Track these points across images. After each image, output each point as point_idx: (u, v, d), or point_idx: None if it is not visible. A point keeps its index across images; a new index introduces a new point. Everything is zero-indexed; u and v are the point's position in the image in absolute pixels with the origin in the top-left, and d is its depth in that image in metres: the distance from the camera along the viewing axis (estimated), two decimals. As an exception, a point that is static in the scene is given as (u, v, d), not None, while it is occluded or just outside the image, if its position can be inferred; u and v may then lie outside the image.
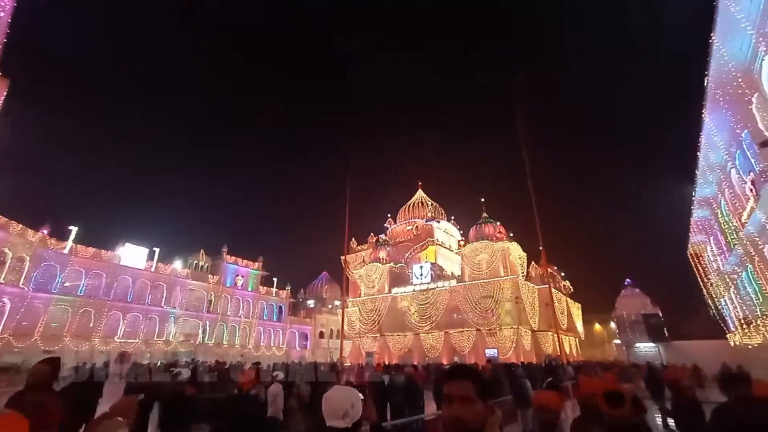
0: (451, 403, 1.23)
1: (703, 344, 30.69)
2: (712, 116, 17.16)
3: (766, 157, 12.42)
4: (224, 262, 43.85)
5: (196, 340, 38.23)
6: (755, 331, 20.39)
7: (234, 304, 43.30)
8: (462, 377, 1.28)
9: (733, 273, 21.91)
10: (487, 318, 32.16)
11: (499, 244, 34.72)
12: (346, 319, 36.65)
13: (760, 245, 15.22)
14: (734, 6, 11.31)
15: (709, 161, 20.11)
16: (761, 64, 11.14)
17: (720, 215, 21.18)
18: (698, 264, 32.81)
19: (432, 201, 51.00)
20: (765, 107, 11.68)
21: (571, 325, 41.66)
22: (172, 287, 37.73)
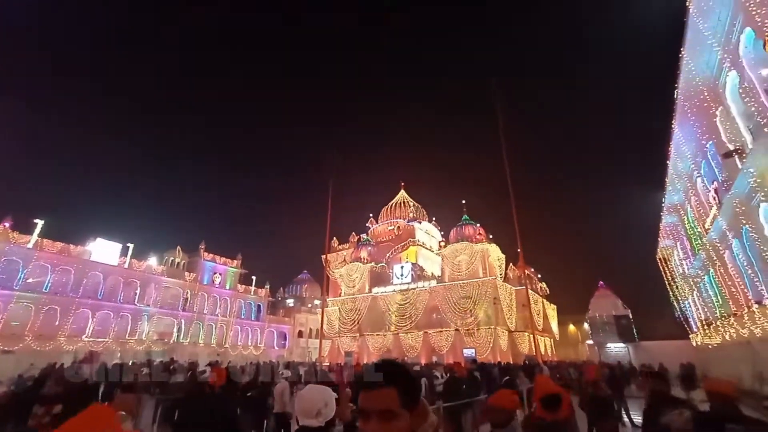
0: (368, 421, 0.96)
1: (668, 344, 32.12)
2: (681, 127, 17.96)
3: (729, 167, 13.10)
4: (202, 259, 42.84)
5: (171, 339, 37.20)
6: (715, 332, 21.47)
7: (211, 302, 42.37)
8: (380, 385, 0.99)
9: (697, 277, 23.01)
10: (465, 318, 32.64)
11: (479, 246, 35.27)
12: (325, 318, 36.47)
13: (721, 251, 16.03)
14: (702, 23, 11.89)
15: (677, 170, 21.03)
16: (725, 80, 11.74)
17: (686, 221, 22.16)
18: (666, 268, 34.28)
19: (414, 202, 51.30)
20: (728, 120, 12.31)
21: (547, 326, 42.73)
22: (146, 284, 36.58)
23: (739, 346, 16.42)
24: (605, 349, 38.60)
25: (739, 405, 3.05)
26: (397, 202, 51.32)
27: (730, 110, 11.97)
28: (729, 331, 18.10)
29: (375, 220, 51.04)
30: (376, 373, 1.01)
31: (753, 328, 13.98)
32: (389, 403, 0.96)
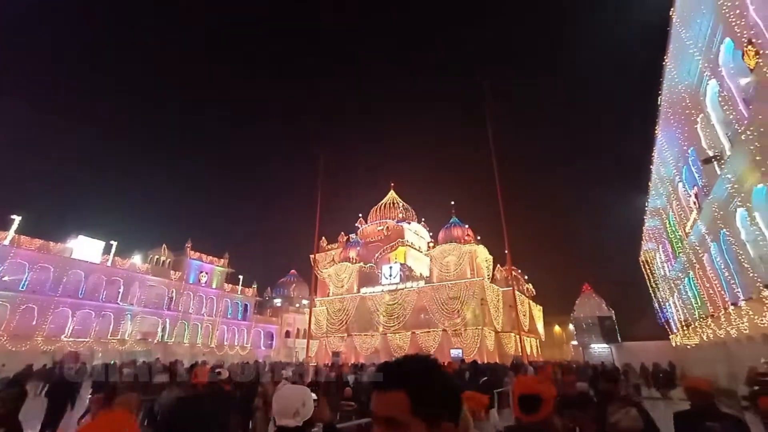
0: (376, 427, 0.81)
1: (649, 345, 32.85)
2: (664, 133, 18.43)
3: (708, 173, 13.48)
4: (188, 257, 42.17)
5: (155, 339, 36.50)
6: (693, 333, 22.07)
7: (197, 301, 41.73)
8: (390, 386, 0.81)
9: (677, 279, 23.61)
10: (453, 319, 32.84)
11: (467, 247, 35.53)
12: (313, 318, 36.25)
13: (700, 254, 16.48)
14: (685, 32, 12.22)
15: (660, 175, 21.56)
16: (706, 88, 12.09)
17: (668, 225, 22.71)
18: (648, 270, 35.09)
19: (403, 202, 51.41)
20: (708, 127, 12.68)
21: (533, 327, 43.29)
22: (129, 283, 35.81)
23: (716, 346, 16.92)
24: (589, 349, 39.30)
25: (716, 402, 3.15)
26: (386, 202, 51.35)
27: (711, 118, 12.33)
28: (706, 332, 18.63)
29: (364, 220, 50.99)
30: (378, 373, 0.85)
31: (729, 329, 14.42)
32: (394, 409, 0.78)
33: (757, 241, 10.41)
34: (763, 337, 11.10)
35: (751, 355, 11.87)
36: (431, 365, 0.86)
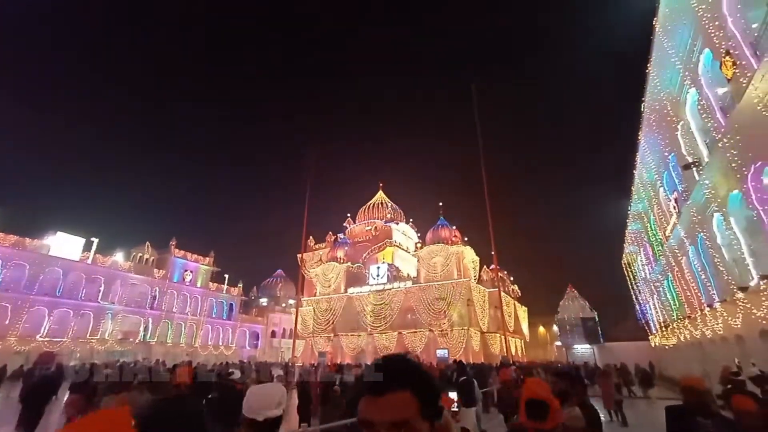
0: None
1: (629, 345, 33.66)
2: (647, 139, 18.92)
3: (688, 178, 13.89)
4: (172, 255, 41.32)
5: (137, 338, 35.65)
6: (671, 334, 22.72)
7: (181, 300, 40.92)
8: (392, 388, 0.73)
9: (657, 281, 24.25)
10: (439, 319, 33.04)
11: (454, 248, 35.81)
12: (300, 318, 36.02)
13: (678, 257, 16.97)
14: (667, 41, 12.59)
15: (642, 179, 22.11)
16: (686, 96, 12.46)
17: (649, 228, 23.30)
18: (630, 272, 35.95)
19: (392, 203, 51.49)
20: (688, 134, 13.07)
21: (518, 328, 43.86)
22: (111, 281, 34.89)
23: (692, 346, 17.45)
24: (572, 350, 40.07)
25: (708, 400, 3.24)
26: (375, 202, 51.36)
27: (690, 125, 12.72)
28: (683, 333, 19.20)
29: (353, 220, 50.89)
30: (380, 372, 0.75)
31: (704, 330, 14.89)
32: (405, 411, 0.70)
33: (731, 245, 10.78)
34: (736, 338, 11.50)
35: (724, 355, 12.29)
36: (420, 364, 0.81)
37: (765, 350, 9.36)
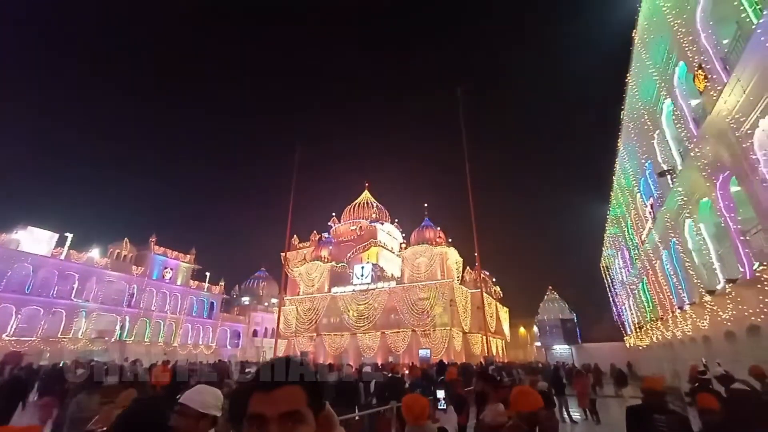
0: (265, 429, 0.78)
1: (605, 346, 34.71)
2: (626, 146, 19.52)
3: (662, 185, 14.43)
4: (152, 252, 40.23)
5: (113, 337, 34.60)
6: (645, 335, 23.52)
7: (160, 298, 39.89)
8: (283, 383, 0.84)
9: (633, 284, 25.06)
10: (422, 319, 33.24)
11: (438, 249, 36.07)
12: (282, 317, 35.66)
13: (653, 261, 17.59)
14: (645, 53, 13.03)
15: (621, 185, 22.81)
16: (662, 106, 12.94)
17: (626, 233, 24.07)
18: (608, 275, 37.04)
19: (377, 202, 51.50)
20: (663, 143, 13.58)
21: (499, 328, 44.54)
22: (86, 278, 33.69)
23: (663, 347, 18.13)
24: (552, 350, 41.00)
25: (666, 399, 3.48)
26: (360, 202, 51.26)
27: (665, 134, 13.22)
28: (656, 334, 19.91)
29: (338, 219, 50.67)
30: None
31: (675, 331, 15.49)
32: (295, 403, 0.81)
33: (701, 250, 11.26)
34: (703, 339, 12.02)
35: (693, 354, 12.83)
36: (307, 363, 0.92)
37: (729, 350, 9.81)
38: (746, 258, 8.33)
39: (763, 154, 6.98)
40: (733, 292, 9.26)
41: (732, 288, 9.21)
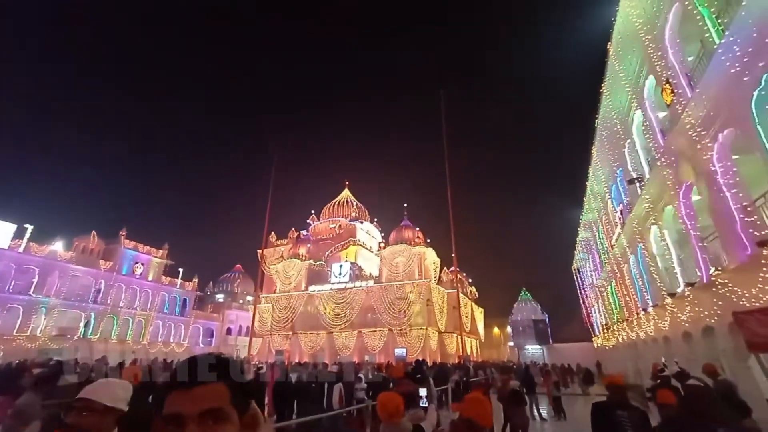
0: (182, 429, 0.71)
1: (575, 346, 35.98)
2: (599, 153, 20.24)
3: (632, 192, 15.06)
4: (122, 246, 38.63)
5: (76, 335, 32.99)
6: (611, 335, 24.52)
7: (129, 294, 38.36)
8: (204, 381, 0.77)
9: (602, 287, 26.06)
10: (399, 318, 33.44)
11: (417, 249, 36.37)
12: (257, 315, 35.06)
13: (621, 265, 18.36)
14: (618, 65, 13.59)
15: (593, 191, 23.64)
16: (633, 117, 13.53)
17: (598, 237, 24.98)
18: (579, 277, 38.33)
19: (357, 201, 51.40)
20: (633, 152, 14.19)
21: (474, 328, 45.35)
22: (47, 272, 31.92)
23: (628, 347, 18.95)
24: (524, 350, 42.10)
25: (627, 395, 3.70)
26: (340, 200, 51.05)
27: (635, 144, 13.81)
28: (622, 334, 20.80)
29: (317, 217, 50.28)
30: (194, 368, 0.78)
31: (639, 332, 16.24)
32: (217, 400, 0.74)
33: (664, 255, 11.85)
34: (664, 339, 12.66)
35: (654, 354, 13.49)
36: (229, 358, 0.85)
37: (686, 349, 10.39)
38: (703, 263, 8.85)
39: (720, 167, 7.43)
40: (691, 295, 9.81)
41: (690, 291, 9.75)
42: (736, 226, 7.05)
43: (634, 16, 11.07)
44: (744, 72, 6.18)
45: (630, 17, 11.37)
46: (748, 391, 5.86)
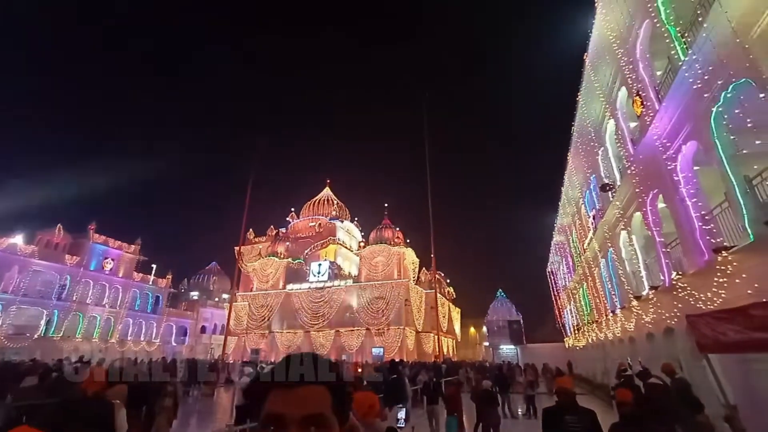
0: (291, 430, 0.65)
1: (547, 346, 37.03)
2: (574, 159, 20.89)
3: (604, 199, 15.65)
4: (90, 241, 36.97)
5: (36, 334, 31.30)
6: (582, 336, 25.40)
7: (98, 290, 36.74)
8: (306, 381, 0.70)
9: (574, 289, 26.93)
10: (377, 318, 33.53)
11: (396, 249, 36.55)
12: (233, 313, 34.41)
13: (593, 268, 19.04)
14: (594, 75, 14.10)
15: (568, 196, 24.38)
16: (606, 126, 14.08)
17: (571, 241, 25.78)
18: (552, 280, 39.44)
19: (338, 200, 51.16)
20: (606, 159, 14.76)
21: (451, 328, 45.96)
22: (4, 267, 30.14)
23: (597, 347, 19.70)
24: (499, 350, 43.01)
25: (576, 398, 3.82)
26: (321, 198, 50.67)
27: (608, 151, 14.37)
28: (591, 335, 21.57)
29: (296, 215, 49.73)
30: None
31: (607, 333, 16.90)
32: (320, 405, 0.68)
33: (631, 260, 12.40)
34: (629, 340, 13.24)
35: (621, 354, 14.08)
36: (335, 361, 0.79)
37: (649, 349, 10.91)
38: (666, 268, 9.33)
39: (684, 176, 7.86)
40: (654, 298, 10.31)
41: (654, 294, 10.25)
42: (696, 234, 7.48)
43: (608, 29, 11.52)
44: (705, 89, 6.56)
45: (605, 30, 11.83)
46: (702, 388, 6.23)
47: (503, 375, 14.76)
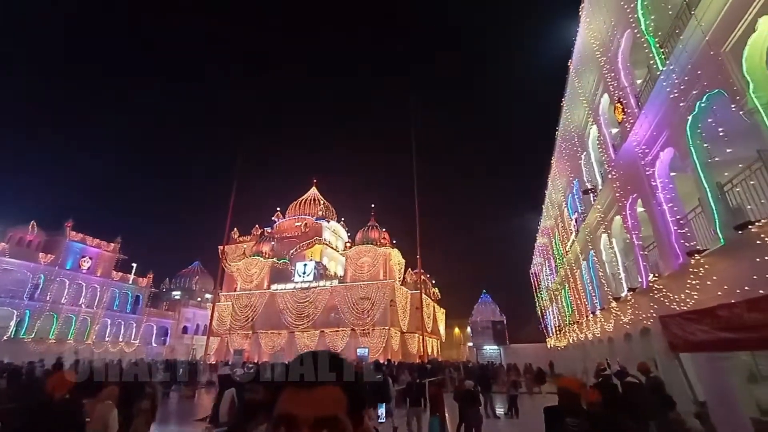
0: None
1: (530, 347, 37.62)
2: (558, 164, 21.35)
3: (586, 202, 16.03)
4: (67, 238, 35.74)
5: (5, 336, 30.07)
6: (563, 336, 25.94)
7: (74, 290, 35.51)
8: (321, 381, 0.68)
9: (557, 290, 27.49)
10: (362, 319, 33.48)
11: (382, 249, 36.57)
12: (216, 314, 33.84)
13: (574, 270, 19.48)
14: (578, 82, 14.44)
15: (552, 199, 24.87)
16: (589, 131, 14.43)
17: (554, 243, 26.28)
18: (536, 281, 40.17)
19: (324, 200, 50.88)
20: (588, 164, 15.13)
21: (435, 329, 46.24)
22: (-28, 265, 28.90)
23: (577, 347, 20.15)
24: (482, 350, 43.47)
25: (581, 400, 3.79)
26: (307, 198, 50.27)
27: (591, 156, 14.73)
28: (572, 336, 22.06)
29: (282, 215, 49.23)
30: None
31: (587, 333, 17.31)
32: (334, 407, 0.65)
33: (611, 262, 12.74)
34: (608, 340, 13.61)
35: (600, 353, 14.43)
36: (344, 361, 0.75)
37: (627, 349, 11.23)
38: (644, 270, 9.63)
39: (661, 182, 8.14)
40: (632, 299, 10.63)
41: (632, 295, 10.57)
42: (672, 237, 7.75)
43: (592, 38, 11.83)
44: (681, 98, 6.82)
45: (588, 38, 12.14)
46: (675, 386, 6.46)
47: (485, 375, 14.97)
